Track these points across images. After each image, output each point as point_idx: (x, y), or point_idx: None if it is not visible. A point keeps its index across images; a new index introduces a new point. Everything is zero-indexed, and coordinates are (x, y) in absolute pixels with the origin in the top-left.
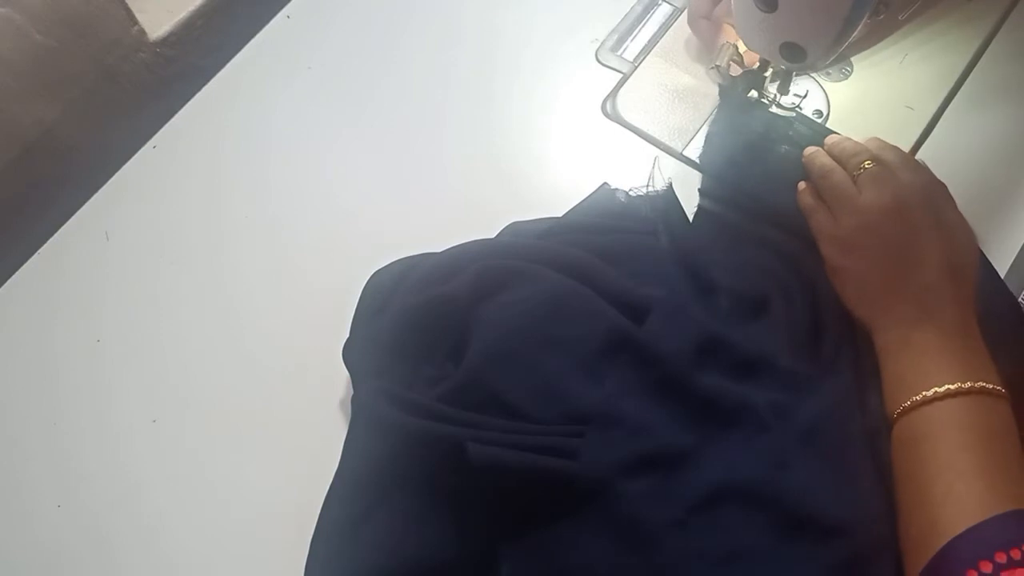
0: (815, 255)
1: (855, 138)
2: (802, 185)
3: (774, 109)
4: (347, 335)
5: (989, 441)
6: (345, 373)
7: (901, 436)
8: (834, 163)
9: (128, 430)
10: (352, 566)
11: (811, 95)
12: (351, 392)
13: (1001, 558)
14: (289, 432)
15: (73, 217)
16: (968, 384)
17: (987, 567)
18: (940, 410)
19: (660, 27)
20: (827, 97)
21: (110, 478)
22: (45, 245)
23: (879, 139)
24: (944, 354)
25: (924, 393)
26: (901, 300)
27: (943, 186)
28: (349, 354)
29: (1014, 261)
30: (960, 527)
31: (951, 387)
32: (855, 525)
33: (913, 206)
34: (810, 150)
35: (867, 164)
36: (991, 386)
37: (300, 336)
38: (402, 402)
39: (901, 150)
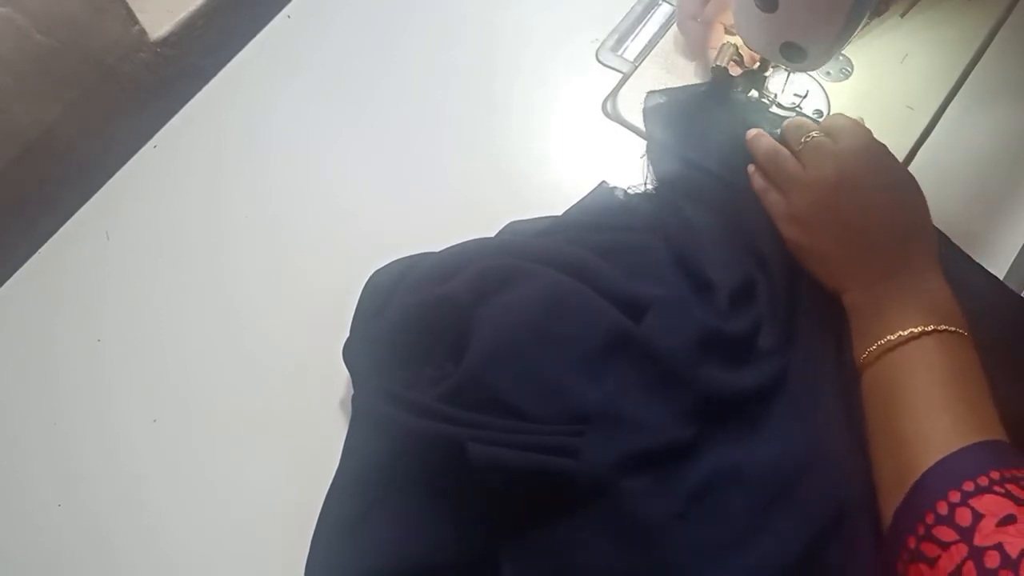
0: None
1: None
2: (751, 168)
3: (774, 109)
4: (347, 335)
5: (954, 378)
6: (345, 373)
7: (869, 383)
8: (776, 143)
9: (128, 430)
10: (352, 566)
11: (811, 95)
12: (351, 392)
13: (969, 486)
14: (289, 432)
15: (73, 217)
16: (929, 327)
17: (955, 496)
18: (904, 353)
19: (660, 27)
20: (827, 97)
21: (110, 478)
22: (45, 245)
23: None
24: (906, 301)
25: (888, 337)
26: (864, 265)
27: (883, 146)
28: (349, 354)
29: (1014, 261)
30: (930, 462)
31: (914, 330)
32: (840, 484)
33: (857, 173)
34: (752, 132)
35: (805, 138)
36: (952, 328)
37: (300, 336)
38: (403, 402)
39: (844, 116)
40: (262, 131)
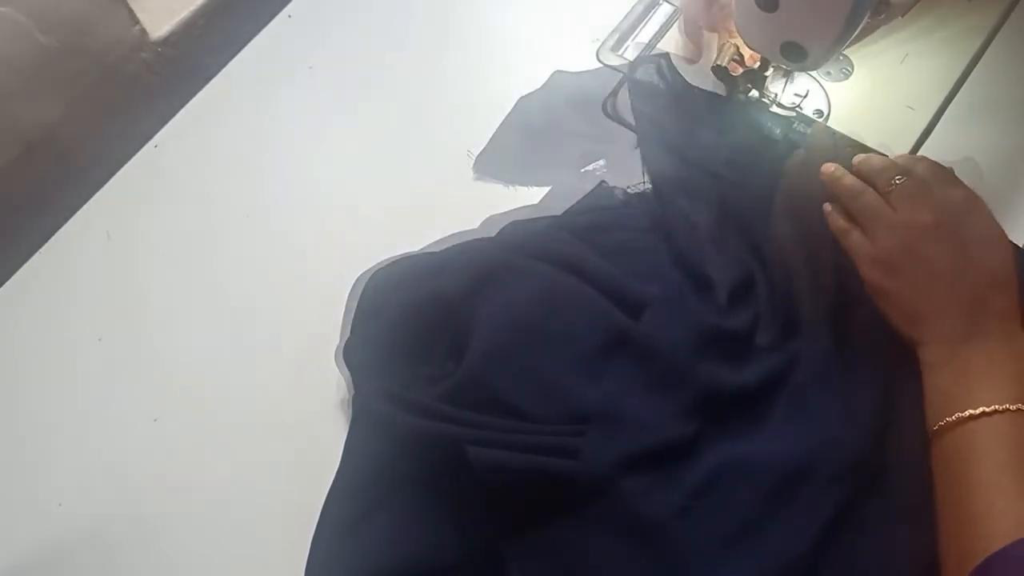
0: (783, 230)
1: (856, 138)
2: (828, 206)
3: (774, 109)
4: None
5: None
6: (346, 372)
7: (943, 451)
8: (862, 182)
9: (128, 430)
10: (353, 566)
11: (811, 95)
12: (352, 392)
13: None
14: (290, 432)
15: (73, 217)
16: (1016, 405)
17: None
18: (984, 427)
19: (661, 27)
20: (827, 97)
21: (110, 478)
22: (45, 245)
23: (907, 155)
24: (990, 371)
25: (971, 412)
26: (948, 317)
27: (979, 198)
28: (349, 355)
29: None
30: (993, 546)
31: (998, 407)
32: (844, 475)
33: (952, 221)
34: (830, 167)
35: (897, 180)
36: None
37: (301, 335)
38: (403, 402)
39: (932, 161)
40: (262, 131)
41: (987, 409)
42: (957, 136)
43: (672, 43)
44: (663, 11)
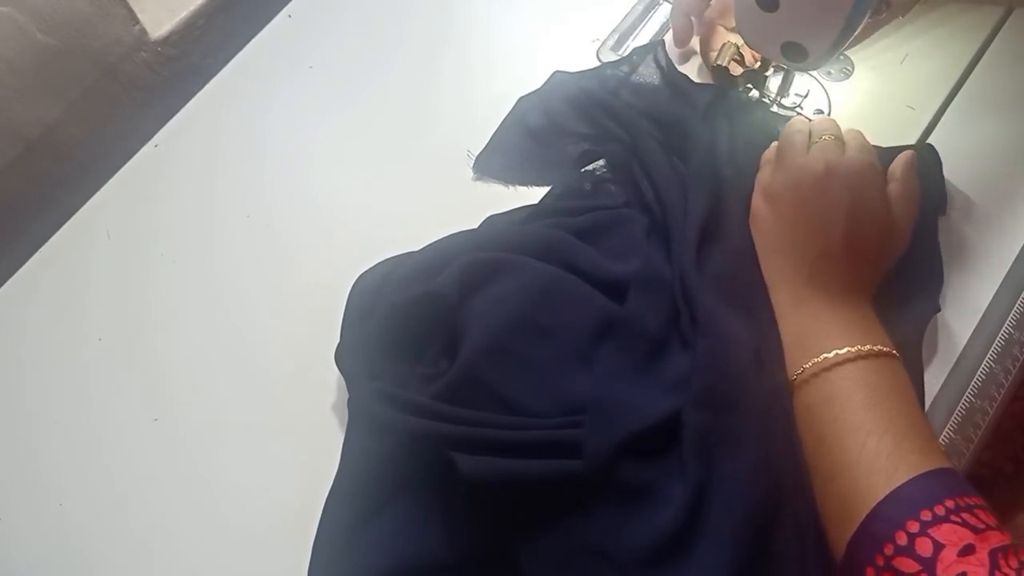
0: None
1: None
2: (773, 144)
3: (775, 108)
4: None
5: (891, 398)
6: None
7: (805, 401)
8: (805, 132)
9: (128, 430)
10: (356, 566)
11: (812, 95)
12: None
13: (927, 516)
14: (290, 432)
15: (73, 217)
16: (865, 347)
17: (914, 526)
18: (841, 373)
19: (661, 27)
20: (828, 97)
21: (110, 478)
22: (45, 245)
23: (856, 129)
24: (835, 321)
25: (825, 356)
26: (796, 259)
27: (878, 175)
28: (342, 358)
29: (1014, 261)
30: (878, 489)
31: (851, 350)
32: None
33: (838, 180)
34: (796, 119)
35: (826, 137)
36: (885, 348)
37: (301, 335)
38: (398, 402)
39: (862, 134)
40: (262, 131)
41: (840, 352)
42: (957, 136)
43: (672, 42)
44: (663, 11)
